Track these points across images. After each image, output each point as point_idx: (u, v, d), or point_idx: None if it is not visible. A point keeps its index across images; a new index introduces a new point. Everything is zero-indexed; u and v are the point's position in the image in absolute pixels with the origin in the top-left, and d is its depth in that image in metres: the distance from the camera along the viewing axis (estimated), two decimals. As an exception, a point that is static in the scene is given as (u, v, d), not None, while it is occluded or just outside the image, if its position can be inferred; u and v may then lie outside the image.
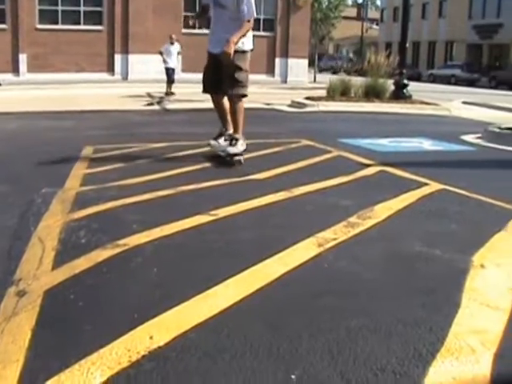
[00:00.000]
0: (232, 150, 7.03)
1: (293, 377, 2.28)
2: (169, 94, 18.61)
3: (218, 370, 2.32)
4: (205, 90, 7.53)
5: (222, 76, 7.15)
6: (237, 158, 7.00)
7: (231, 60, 6.92)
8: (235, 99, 7.14)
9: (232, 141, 7.11)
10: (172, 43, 18.99)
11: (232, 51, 6.86)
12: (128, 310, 2.85)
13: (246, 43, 7.25)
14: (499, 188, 6.11)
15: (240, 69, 7.08)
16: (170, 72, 18.88)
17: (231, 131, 7.32)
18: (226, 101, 7.37)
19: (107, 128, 10.75)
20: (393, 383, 2.27)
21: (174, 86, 19.09)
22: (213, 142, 7.49)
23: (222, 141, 7.39)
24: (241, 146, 7.08)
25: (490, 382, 2.31)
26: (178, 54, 19.39)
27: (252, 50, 7.41)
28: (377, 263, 3.67)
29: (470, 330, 2.72)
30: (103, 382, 2.22)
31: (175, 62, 19.24)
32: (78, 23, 27.21)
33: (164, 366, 2.33)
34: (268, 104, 15.88)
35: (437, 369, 2.37)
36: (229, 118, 7.37)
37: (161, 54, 18.86)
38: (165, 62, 18.81)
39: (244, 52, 7.21)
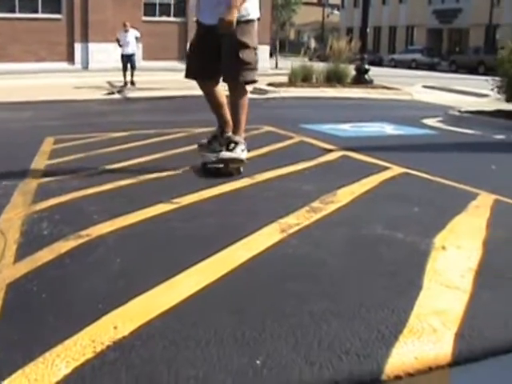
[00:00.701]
0: (227, 154, 5.53)
1: (258, 362, 2.29)
2: (127, 83, 17.71)
3: (183, 357, 2.33)
4: (190, 75, 5.78)
5: (215, 57, 5.50)
6: (234, 165, 5.56)
7: (233, 33, 5.31)
8: (239, 87, 5.60)
9: (229, 144, 5.57)
10: (126, 31, 18.04)
11: (234, 19, 5.21)
12: (92, 300, 2.83)
13: (252, 9, 5.52)
14: (460, 170, 6.20)
15: (245, 45, 5.42)
16: (126, 60, 17.83)
17: (230, 133, 5.76)
18: (219, 89, 5.87)
19: (68, 118, 10.65)
20: (357, 365, 2.29)
21: (134, 73, 18.17)
22: (203, 148, 5.93)
23: (216, 146, 5.78)
24: (241, 151, 5.57)
25: (450, 360, 2.35)
26: (137, 39, 18.45)
27: (259, 20, 5.68)
28: (339, 247, 3.70)
29: (432, 310, 2.76)
30: (68, 373, 2.20)
31: (133, 47, 18.13)
32: (36, 11, 26.82)
33: (129, 356, 2.33)
34: (230, 91, 15.81)
35: (399, 350, 2.40)
36: (227, 114, 5.82)
37: (118, 41, 18.08)
38: (121, 47, 17.90)
39: (249, 22, 5.50)
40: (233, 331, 2.52)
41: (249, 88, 5.79)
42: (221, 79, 5.73)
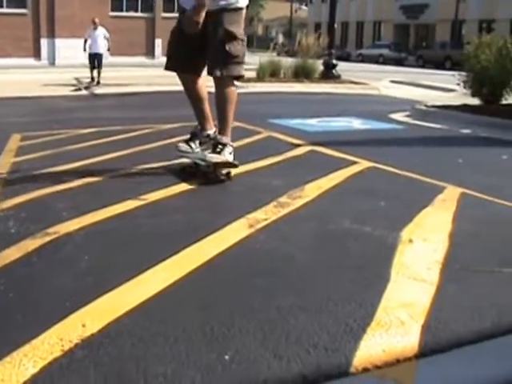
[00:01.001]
0: (216, 158, 5.10)
1: (226, 357, 2.30)
2: (94, 79, 17.17)
3: (152, 354, 2.32)
4: (170, 67, 5.37)
5: (198, 46, 5.11)
6: (223, 170, 5.23)
7: (220, 21, 4.99)
8: (226, 82, 5.21)
9: (217, 146, 5.19)
10: (95, 28, 17.47)
11: (201, 20, 4.84)
12: (60, 298, 2.82)
13: None
14: (427, 164, 6.26)
15: (233, 36, 5.05)
16: (93, 58, 17.21)
17: (210, 131, 5.46)
18: (201, 83, 5.50)
19: (35, 115, 10.54)
20: (325, 359, 2.31)
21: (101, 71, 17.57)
22: (183, 147, 5.40)
23: (196, 145, 5.43)
24: (228, 153, 5.20)
25: (418, 352, 2.38)
26: (106, 39, 17.67)
27: (248, 8, 5.32)
28: (307, 242, 3.71)
29: (399, 303, 2.79)
30: (36, 373, 2.19)
31: (102, 47, 17.54)
32: (1, 6, 26.48)
33: (97, 353, 2.32)
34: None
35: (367, 342, 2.43)
36: (207, 110, 5.54)
37: (85, 41, 17.38)
38: (89, 46, 17.27)
39: (238, 10, 5.13)
40: (201, 327, 2.52)
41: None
42: (204, 72, 5.41)
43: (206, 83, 5.55)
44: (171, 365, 2.25)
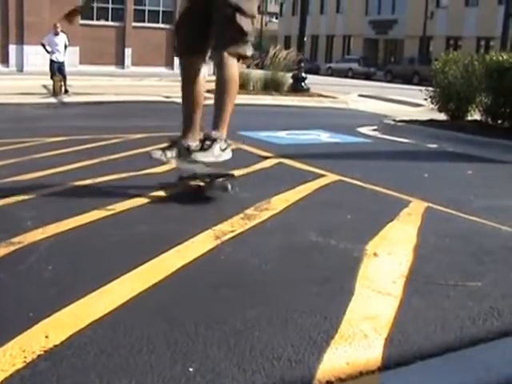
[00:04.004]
0: (200, 156, 4.58)
1: (190, 369, 2.29)
2: (57, 90, 16.41)
3: (115, 365, 2.31)
4: (177, 52, 5.10)
5: (206, 26, 4.73)
6: (221, 179, 4.80)
7: None
8: (230, 61, 4.77)
9: (204, 142, 4.63)
10: (56, 34, 16.75)
11: None
12: (23, 309, 2.78)
13: None
14: (393, 178, 6.32)
15: (244, 12, 4.62)
16: (56, 66, 16.60)
17: (192, 143, 4.86)
18: (202, 83, 5.20)
19: (1, 122, 10.42)
20: (289, 371, 2.31)
21: (69, 78, 17.22)
22: (155, 153, 4.81)
23: (172, 154, 4.82)
24: (220, 150, 4.67)
25: (381, 365, 2.40)
26: (66, 47, 17.07)
27: None
28: (273, 254, 3.72)
29: (363, 316, 2.81)
30: (-4, 384, 2.17)
31: (63, 55, 16.93)
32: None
33: (60, 365, 2.30)
34: (167, 97, 15.74)
35: (331, 355, 2.44)
36: (197, 119, 5.19)
37: (43, 45, 16.86)
38: (51, 53, 16.61)
39: None
40: (165, 339, 2.52)
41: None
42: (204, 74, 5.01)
43: (205, 87, 5.27)
44: (135, 376, 2.24)
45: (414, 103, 17.74)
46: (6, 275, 3.22)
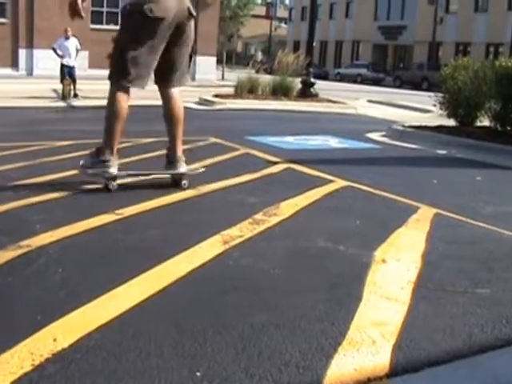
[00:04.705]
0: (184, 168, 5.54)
1: (198, 374, 2.29)
2: (67, 94, 16.48)
3: (123, 369, 2.31)
4: (155, 82, 5.57)
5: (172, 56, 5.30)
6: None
7: (191, 26, 5.30)
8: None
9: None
10: (67, 38, 16.76)
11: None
12: (31, 312, 2.79)
13: None
14: (402, 184, 6.31)
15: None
16: (66, 70, 16.65)
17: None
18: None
19: (11, 125, 10.45)
20: (296, 377, 2.31)
21: (78, 82, 17.20)
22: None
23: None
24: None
25: (389, 371, 2.39)
26: (77, 51, 17.14)
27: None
28: (281, 260, 3.72)
29: (371, 322, 2.81)
30: (4, 387, 2.17)
31: (73, 59, 16.97)
32: (-20, 15, 26.34)
33: (68, 368, 2.30)
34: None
35: (339, 361, 2.44)
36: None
37: (54, 50, 16.87)
38: (62, 57, 16.69)
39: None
40: (173, 343, 2.52)
41: (195, 99, 5.73)
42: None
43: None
44: (143, 380, 2.24)
45: (423, 109, 17.71)
46: (14, 278, 3.23)
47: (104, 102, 5.38)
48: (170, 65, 5.31)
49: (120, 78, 5.15)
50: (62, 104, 15.39)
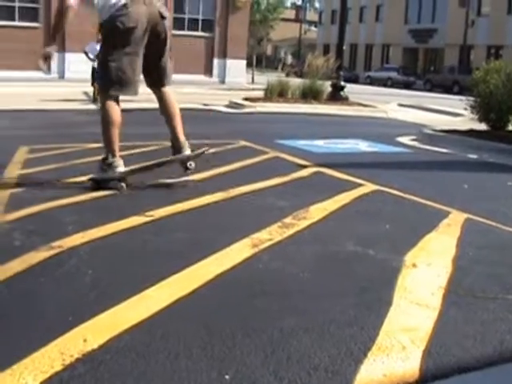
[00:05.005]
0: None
1: (227, 377, 2.30)
2: (98, 97, 16.47)
3: (152, 371, 2.33)
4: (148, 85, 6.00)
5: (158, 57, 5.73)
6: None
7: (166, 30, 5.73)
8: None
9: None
10: (99, 41, 17.03)
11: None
12: (62, 312, 2.82)
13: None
14: (432, 188, 6.26)
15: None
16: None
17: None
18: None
19: (43, 128, 10.57)
20: (325, 381, 2.31)
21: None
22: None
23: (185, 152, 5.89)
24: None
25: (418, 377, 2.38)
26: None
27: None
28: (311, 264, 3.71)
29: (401, 327, 2.79)
30: (36, 386, 2.19)
31: None
32: (13, 19, 26.65)
33: (98, 369, 2.32)
34: (206, 104, 15.82)
35: (368, 366, 2.43)
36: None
37: (86, 53, 16.82)
38: (93, 60, 16.16)
39: None
40: (202, 345, 2.53)
41: (225, 102, 5.85)
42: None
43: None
44: (172, 382, 2.25)
45: (453, 113, 17.55)
46: (46, 279, 3.27)
47: (133, 105, 5.46)
48: (155, 66, 5.71)
49: (109, 89, 5.50)
50: (92, 107, 15.49)
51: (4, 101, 15.03)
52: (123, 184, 5.45)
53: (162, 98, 5.88)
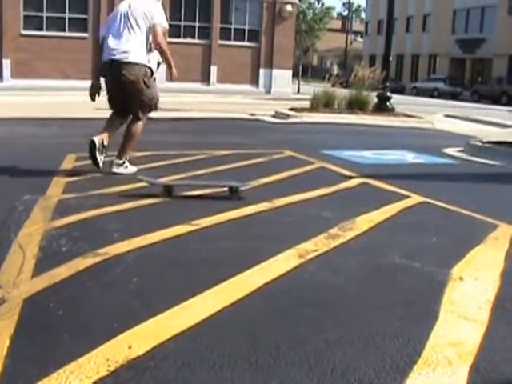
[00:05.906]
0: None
1: (271, 387, 2.29)
2: None
3: (197, 380, 2.33)
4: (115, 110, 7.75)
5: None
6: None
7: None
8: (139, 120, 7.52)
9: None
10: (150, 50, 17.56)
11: None
12: (107, 319, 2.85)
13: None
14: (479, 201, 6.17)
15: (147, 91, 7.94)
16: None
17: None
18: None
19: (88, 136, 10.69)
20: (370, 395, 2.29)
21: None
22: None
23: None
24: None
25: (465, 394, 2.34)
26: (159, 64, 17.90)
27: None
28: (357, 275, 3.69)
29: (448, 342, 2.74)
30: (81, 391, 2.21)
31: (154, 71, 17.54)
32: (63, 30, 27.14)
33: (142, 376, 2.33)
34: (252, 114, 15.87)
35: (413, 380, 2.39)
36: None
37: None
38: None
39: None
40: (247, 355, 2.52)
41: (271, 112, 5.85)
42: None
43: None
44: (216, 392, 2.25)
45: (502, 124, 17.31)
46: (92, 285, 3.30)
47: (180, 114, 5.48)
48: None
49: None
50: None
51: (53, 109, 15.27)
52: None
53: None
